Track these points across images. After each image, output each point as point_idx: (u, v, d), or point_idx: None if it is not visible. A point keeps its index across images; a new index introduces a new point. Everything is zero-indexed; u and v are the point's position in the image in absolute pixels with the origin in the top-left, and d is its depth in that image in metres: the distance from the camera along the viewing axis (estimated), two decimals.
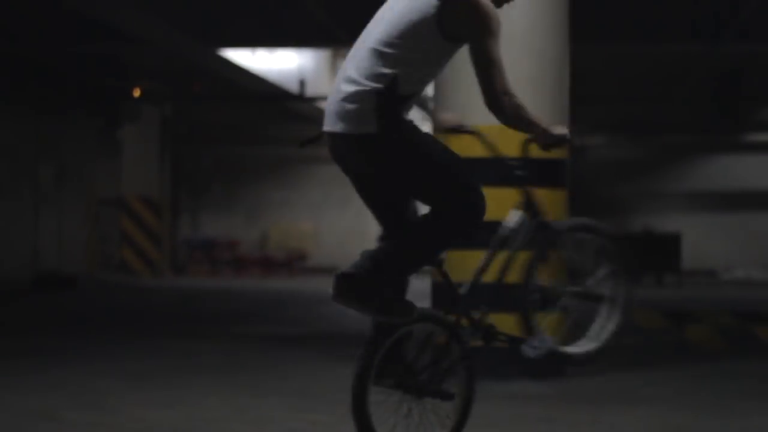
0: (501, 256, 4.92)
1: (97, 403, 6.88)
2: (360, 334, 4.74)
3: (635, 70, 23.65)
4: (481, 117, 7.29)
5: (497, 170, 5.16)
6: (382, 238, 4.74)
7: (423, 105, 5.46)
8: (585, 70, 19.63)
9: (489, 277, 4.88)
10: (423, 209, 4.74)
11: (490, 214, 4.65)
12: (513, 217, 4.98)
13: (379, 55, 4.50)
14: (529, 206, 4.99)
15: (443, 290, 4.94)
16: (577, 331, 5.28)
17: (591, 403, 7.13)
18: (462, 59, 4.74)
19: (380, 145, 4.51)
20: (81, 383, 7.68)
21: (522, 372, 7.80)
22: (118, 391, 7.35)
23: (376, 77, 4.48)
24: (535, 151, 4.94)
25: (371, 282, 4.52)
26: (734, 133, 26.06)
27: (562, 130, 4.77)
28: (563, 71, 8.22)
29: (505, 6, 4.73)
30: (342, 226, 27.96)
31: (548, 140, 4.74)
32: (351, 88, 4.51)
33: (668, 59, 22.18)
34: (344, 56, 4.91)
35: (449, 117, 5.44)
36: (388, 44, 4.50)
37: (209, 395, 7.22)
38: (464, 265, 7.94)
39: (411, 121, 4.59)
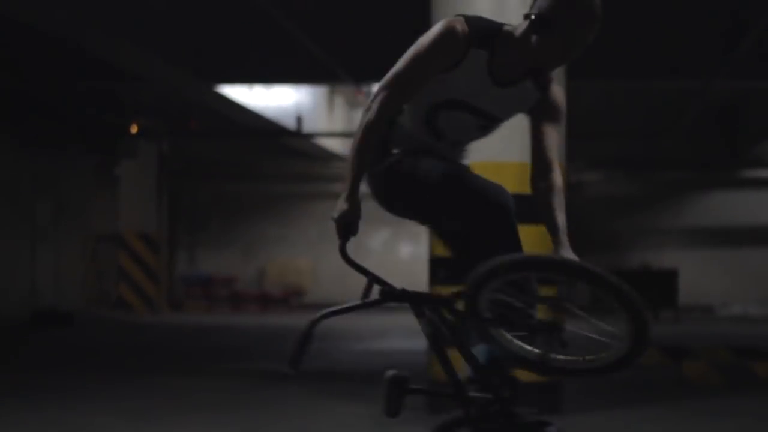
0: None
1: None
2: (357, 371, 4.74)
3: (632, 106, 23.72)
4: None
5: None
6: None
7: None
8: (582, 106, 19.71)
9: None
10: None
11: None
12: None
13: None
14: None
15: None
16: None
17: None
18: None
19: None
20: (79, 421, 7.66)
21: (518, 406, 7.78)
22: (117, 428, 7.33)
23: None
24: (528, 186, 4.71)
25: None
26: (731, 169, 26.11)
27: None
28: None
29: None
30: (339, 262, 27.65)
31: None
32: None
33: (665, 95, 22.26)
34: (341, 93, 4.82)
35: None
36: None
37: None
38: None
39: None
